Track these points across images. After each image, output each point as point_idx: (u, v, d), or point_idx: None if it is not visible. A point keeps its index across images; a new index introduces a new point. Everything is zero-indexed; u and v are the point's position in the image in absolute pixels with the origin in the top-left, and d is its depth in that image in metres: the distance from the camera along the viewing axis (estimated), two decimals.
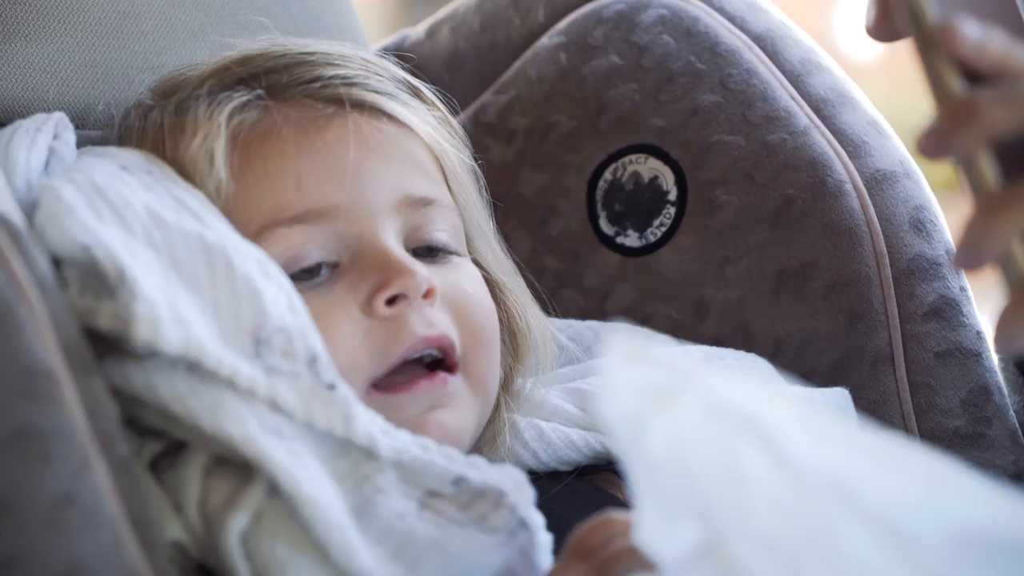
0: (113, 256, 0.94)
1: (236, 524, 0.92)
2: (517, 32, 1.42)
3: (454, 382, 1.06)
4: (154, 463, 0.96)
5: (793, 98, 1.31)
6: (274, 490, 0.92)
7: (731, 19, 1.35)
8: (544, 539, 0.93)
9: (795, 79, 1.32)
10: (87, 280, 0.94)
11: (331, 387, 0.96)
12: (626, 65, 1.35)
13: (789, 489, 0.70)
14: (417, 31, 1.48)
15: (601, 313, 1.33)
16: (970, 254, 0.78)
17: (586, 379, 1.20)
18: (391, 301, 1.04)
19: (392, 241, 1.07)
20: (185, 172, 1.06)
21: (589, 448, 1.15)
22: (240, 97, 1.09)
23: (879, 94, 1.36)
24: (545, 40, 1.40)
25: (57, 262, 0.96)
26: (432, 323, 1.05)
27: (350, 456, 0.95)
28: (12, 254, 0.91)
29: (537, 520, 0.94)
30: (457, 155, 1.16)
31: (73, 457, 0.85)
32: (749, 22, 1.35)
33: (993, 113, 0.78)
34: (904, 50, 0.84)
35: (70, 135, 1.11)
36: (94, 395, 0.89)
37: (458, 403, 1.07)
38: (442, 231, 1.11)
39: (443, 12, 1.48)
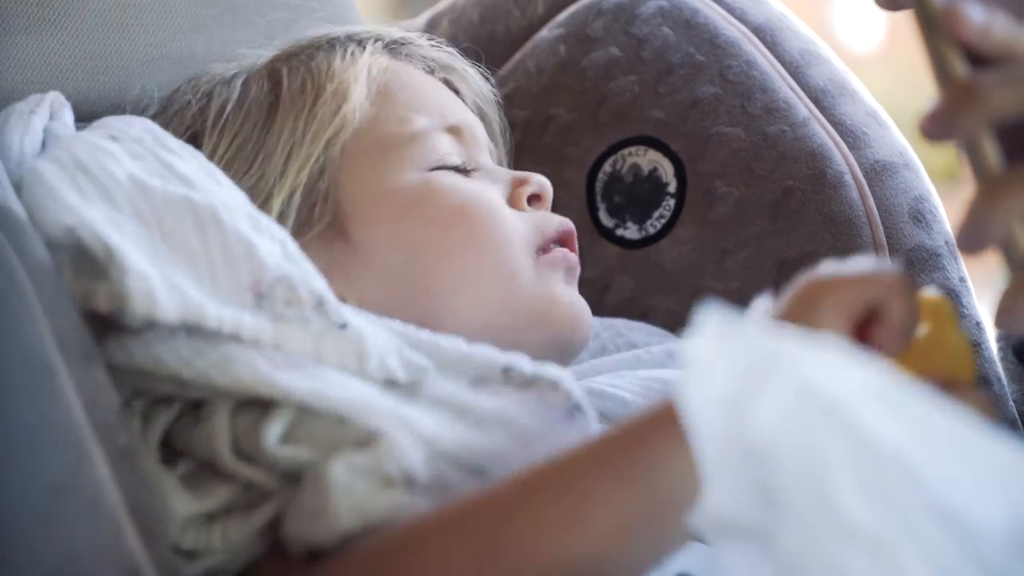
0: (99, 234, 0.93)
1: (272, 431, 0.92)
2: (516, 24, 1.42)
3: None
4: (170, 433, 0.96)
5: (792, 89, 1.30)
6: (303, 411, 0.93)
7: (730, 10, 1.35)
8: (598, 430, 0.94)
9: (794, 70, 1.32)
10: (79, 262, 0.94)
11: (343, 326, 0.96)
12: (625, 57, 1.35)
13: (871, 479, 0.70)
14: (416, 23, 1.48)
15: (601, 305, 1.33)
16: (972, 237, 0.79)
17: (592, 378, 1.20)
18: (529, 201, 1.17)
19: None
20: (308, 103, 1.14)
21: None
22: (373, 44, 1.19)
23: (878, 85, 1.36)
24: (544, 32, 1.40)
25: (51, 246, 0.96)
26: (562, 220, 1.18)
27: None
28: (5, 244, 0.91)
29: (591, 412, 0.96)
30: (502, 135, 1.28)
31: (69, 449, 0.85)
32: (748, 13, 1.35)
33: (996, 96, 0.78)
34: (903, 41, 0.84)
35: (68, 114, 1.11)
36: (93, 384, 0.89)
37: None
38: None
39: (443, 4, 1.48)
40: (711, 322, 0.73)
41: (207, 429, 0.94)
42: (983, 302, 1.27)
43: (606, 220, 1.34)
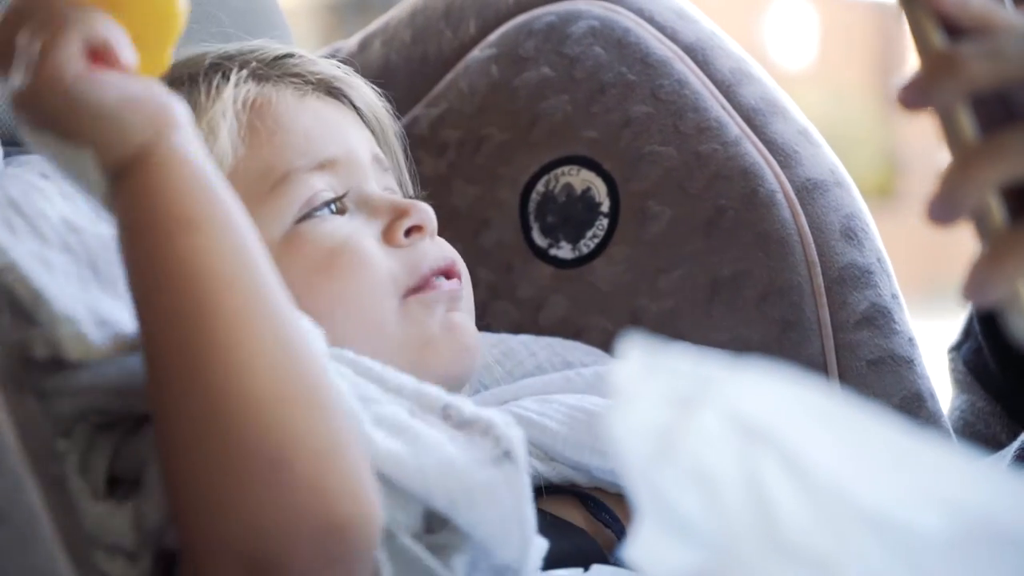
0: (26, 278, 0.92)
1: None
2: (449, 45, 1.42)
3: (463, 294, 1.15)
4: (116, 453, 0.94)
5: (724, 108, 1.31)
6: None
7: (661, 29, 1.35)
8: (527, 483, 0.93)
9: (726, 89, 1.32)
10: (14, 309, 0.93)
11: None
12: (557, 77, 1.35)
13: (807, 499, 0.70)
14: (349, 43, 1.48)
15: (535, 325, 1.33)
16: (945, 207, 0.80)
17: (518, 402, 1.20)
18: (407, 233, 1.13)
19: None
20: None
21: None
22: (238, 73, 1.15)
23: (809, 103, 1.37)
24: (477, 52, 1.40)
25: None
26: (444, 248, 1.15)
27: None
28: None
29: (522, 459, 0.94)
30: (397, 140, 1.25)
31: (6, 477, 0.84)
32: (679, 32, 1.35)
33: (973, 66, 0.80)
34: (834, 60, 0.85)
35: None
36: (26, 413, 0.88)
37: (469, 313, 1.16)
38: (399, 194, 1.20)
39: (375, 25, 1.48)
40: (636, 352, 0.73)
41: (145, 439, 0.93)
42: (915, 318, 1.28)
43: (540, 240, 1.34)
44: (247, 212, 1.07)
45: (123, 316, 0.93)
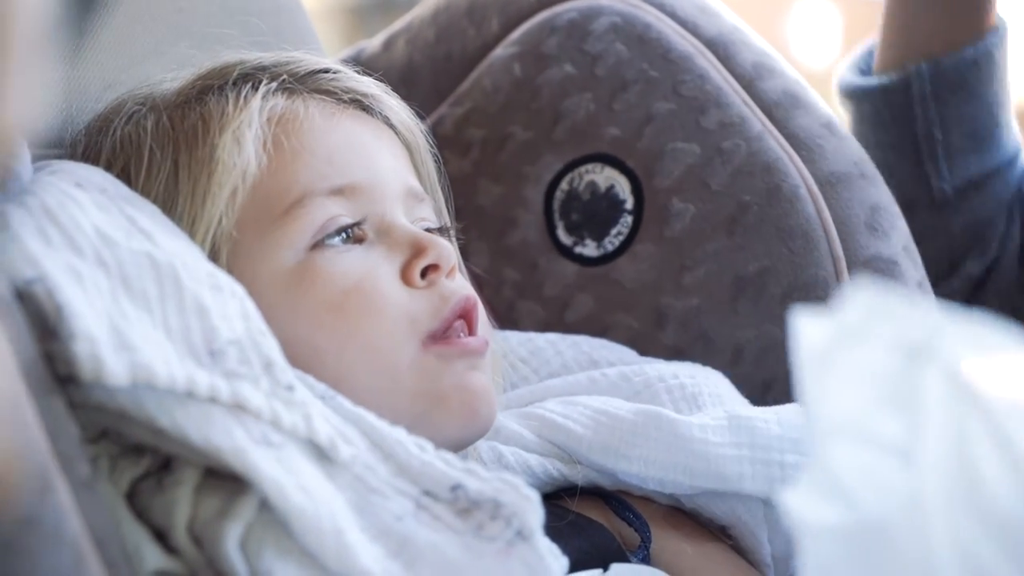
0: (52, 291, 0.92)
1: (232, 533, 0.90)
2: (472, 43, 1.42)
3: (482, 356, 1.10)
4: (133, 489, 0.94)
5: (746, 103, 1.31)
6: (265, 502, 0.91)
7: (683, 24, 1.35)
8: (545, 552, 0.91)
9: (748, 84, 1.32)
10: (36, 322, 0.93)
11: (289, 388, 0.95)
12: (580, 74, 1.35)
13: (1015, 484, 0.70)
14: (373, 44, 1.49)
15: (561, 323, 1.33)
16: None
17: (543, 404, 1.20)
18: (424, 273, 1.08)
19: (409, 223, 1.12)
20: (205, 163, 1.09)
21: (546, 475, 1.15)
22: (267, 83, 1.13)
23: (833, 102, 1.37)
24: (500, 51, 1.40)
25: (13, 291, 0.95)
26: (463, 286, 1.11)
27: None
28: None
29: (536, 530, 0.92)
30: (434, 161, 1.21)
31: (34, 479, 0.85)
32: (701, 27, 1.35)
33: None
34: None
35: (25, 152, 1.10)
36: (54, 416, 0.88)
37: (488, 373, 1.11)
38: (434, 225, 1.16)
39: (399, 24, 1.48)
40: (863, 296, 0.73)
41: (169, 498, 0.93)
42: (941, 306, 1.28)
43: (564, 238, 1.34)
44: (260, 234, 1.08)
45: (149, 339, 0.93)
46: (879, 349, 0.72)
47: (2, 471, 0.81)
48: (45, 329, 0.91)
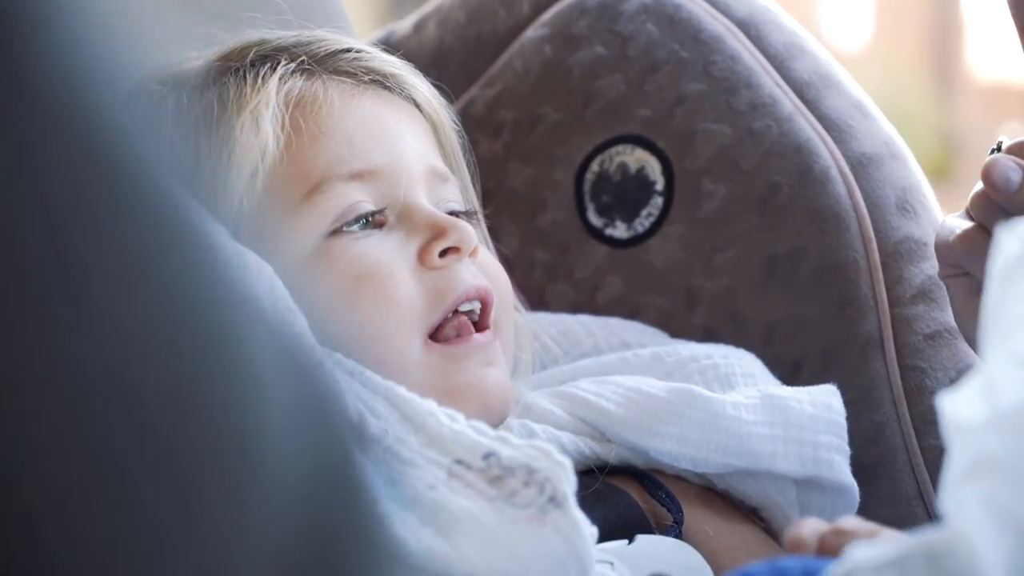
0: None
1: None
2: (503, 24, 1.42)
3: (495, 345, 1.11)
4: None
5: (777, 84, 1.31)
6: None
7: (714, 4, 1.35)
8: (579, 518, 0.91)
9: (779, 64, 1.32)
10: None
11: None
12: (611, 55, 1.35)
13: None
14: (404, 25, 1.49)
15: (592, 305, 1.33)
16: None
17: (575, 382, 1.20)
18: (443, 253, 1.09)
19: (430, 204, 1.12)
20: (224, 144, 1.09)
21: (578, 453, 1.14)
22: (286, 64, 1.13)
23: (865, 84, 1.36)
24: (531, 32, 1.40)
25: None
26: (477, 275, 1.11)
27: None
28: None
29: (569, 496, 0.92)
30: (459, 139, 1.22)
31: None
32: (732, 7, 1.35)
33: None
34: (891, 39, 0.85)
35: None
36: None
37: (502, 364, 1.11)
38: (459, 207, 1.16)
39: (429, 6, 1.48)
40: (1018, 236, 0.73)
41: None
42: None
43: (595, 220, 1.34)
44: (279, 219, 1.08)
45: None
46: None
47: None
48: None
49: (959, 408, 0.71)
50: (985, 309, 0.73)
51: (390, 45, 1.44)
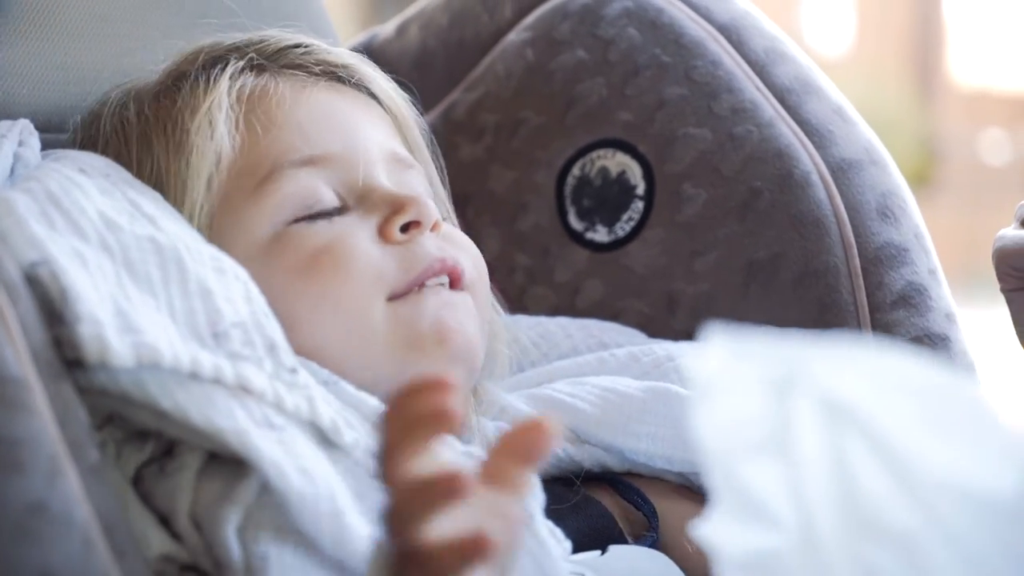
0: (57, 274, 0.93)
1: (231, 517, 0.91)
2: (485, 28, 1.42)
3: (462, 295, 1.10)
4: (138, 474, 0.95)
5: (758, 89, 1.31)
6: (266, 486, 0.91)
7: (695, 9, 1.35)
8: (546, 532, 0.92)
9: (760, 69, 1.32)
10: (42, 306, 0.94)
11: (293, 371, 0.96)
12: (592, 59, 1.36)
13: (891, 480, 0.71)
14: (386, 29, 1.49)
15: (572, 309, 1.33)
16: None
17: (551, 384, 1.20)
18: (405, 229, 1.08)
19: (390, 185, 1.12)
20: (182, 149, 1.09)
21: (553, 457, 1.14)
22: (235, 63, 1.14)
23: (847, 89, 1.37)
24: (513, 36, 1.40)
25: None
26: (443, 247, 1.10)
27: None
28: None
29: (535, 514, 0.92)
30: (420, 128, 1.21)
31: (44, 465, 0.85)
32: (713, 12, 1.35)
33: None
34: (873, 45, 0.85)
35: (35, 141, 1.11)
36: (63, 401, 0.89)
37: (469, 313, 1.10)
38: (428, 192, 1.16)
39: (412, 10, 1.48)
40: (720, 340, 0.74)
41: (172, 483, 0.94)
42: (952, 294, 1.28)
43: (576, 224, 1.34)
44: (235, 211, 1.08)
45: (154, 321, 0.94)
46: (744, 393, 0.73)
47: None
48: (51, 313, 0.92)
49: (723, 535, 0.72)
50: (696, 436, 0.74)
51: (372, 49, 1.44)
